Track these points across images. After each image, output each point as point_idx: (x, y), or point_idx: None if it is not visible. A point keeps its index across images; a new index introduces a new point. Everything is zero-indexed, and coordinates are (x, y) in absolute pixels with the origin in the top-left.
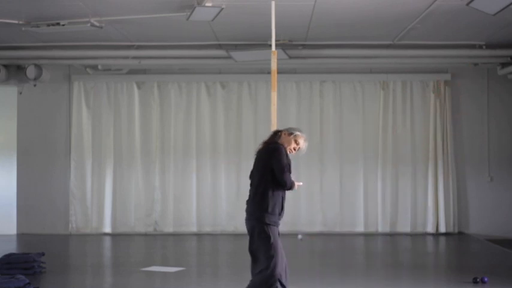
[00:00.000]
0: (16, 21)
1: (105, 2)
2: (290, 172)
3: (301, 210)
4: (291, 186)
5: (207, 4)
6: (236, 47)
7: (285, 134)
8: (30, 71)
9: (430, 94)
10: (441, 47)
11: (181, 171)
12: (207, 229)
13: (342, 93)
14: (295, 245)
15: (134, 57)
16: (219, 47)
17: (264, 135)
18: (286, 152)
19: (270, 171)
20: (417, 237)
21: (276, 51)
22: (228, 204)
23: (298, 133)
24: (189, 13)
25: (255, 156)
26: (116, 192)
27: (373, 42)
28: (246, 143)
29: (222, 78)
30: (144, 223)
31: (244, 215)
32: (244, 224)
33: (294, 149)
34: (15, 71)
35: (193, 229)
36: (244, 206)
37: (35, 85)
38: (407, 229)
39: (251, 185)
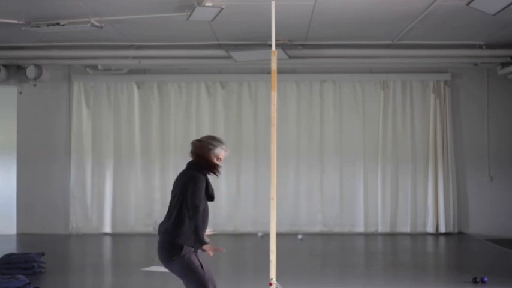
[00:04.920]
0: (16, 21)
1: (105, 2)
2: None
3: (301, 210)
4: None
5: (207, 4)
6: (236, 47)
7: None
8: (30, 71)
9: (430, 94)
10: (441, 47)
11: (181, 171)
12: (207, 229)
13: (342, 93)
14: (295, 245)
15: (134, 57)
16: (219, 47)
17: (264, 135)
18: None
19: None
20: (417, 237)
21: (276, 51)
22: (228, 204)
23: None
24: (189, 13)
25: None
26: (116, 192)
27: (373, 42)
28: (246, 143)
29: (222, 78)
30: (144, 223)
31: (243, 214)
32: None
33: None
34: (15, 71)
35: None
36: (245, 206)
37: (35, 85)
38: (407, 229)
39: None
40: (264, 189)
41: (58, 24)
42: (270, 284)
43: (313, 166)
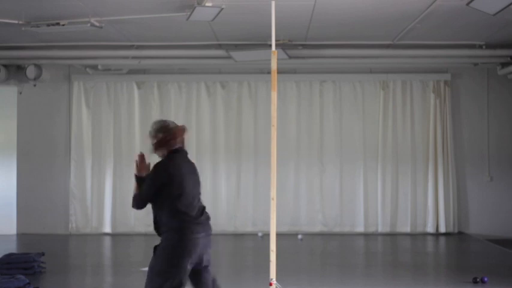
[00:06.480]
0: (16, 21)
1: (105, 2)
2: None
3: (301, 210)
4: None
5: (207, 4)
6: (236, 47)
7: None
8: (30, 71)
9: (430, 94)
10: (441, 47)
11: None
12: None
13: (342, 93)
14: (295, 245)
15: (134, 57)
16: (219, 47)
17: (264, 135)
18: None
19: None
20: (417, 237)
21: (276, 51)
22: (228, 204)
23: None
24: (189, 13)
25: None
26: (116, 192)
27: (373, 42)
28: (246, 143)
29: (222, 78)
30: (144, 223)
31: (243, 214)
32: (204, 240)
33: None
34: (15, 71)
35: None
36: (245, 206)
37: (35, 85)
38: (407, 229)
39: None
40: (264, 189)
41: (58, 24)
42: (270, 284)
43: (313, 166)
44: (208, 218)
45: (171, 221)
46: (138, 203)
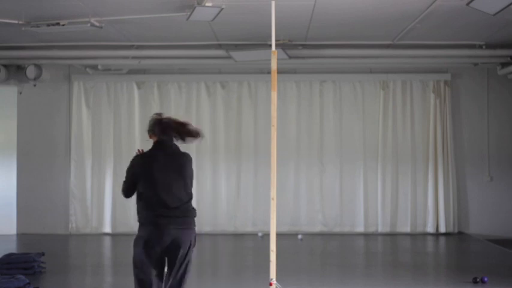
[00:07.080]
0: (16, 21)
1: (105, 2)
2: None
3: (301, 210)
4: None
5: (207, 4)
6: (236, 47)
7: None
8: (30, 71)
9: (430, 94)
10: (441, 47)
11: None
12: (207, 229)
13: (342, 93)
14: (295, 245)
15: (134, 57)
16: (219, 47)
17: (264, 135)
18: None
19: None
20: (417, 237)
21: (276, 51)
22: (228, 204)
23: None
24: (189, 13)
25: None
26: (116, 192)
27: (373, 42)
28: (246, 143)
29: (222, 78)
30: None
31: (244, 214)
32: (183, 232)
33: None
34: (15, 71)
35: None
36: (245, 206)
37: (35, 85)
38: (407, 229)
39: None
40: (264, 189)
41: (58, 24)
42: (270, 284)
43: (313, 166)
44: (184, 213)
45: (143, 211)
46: (123, 191)
